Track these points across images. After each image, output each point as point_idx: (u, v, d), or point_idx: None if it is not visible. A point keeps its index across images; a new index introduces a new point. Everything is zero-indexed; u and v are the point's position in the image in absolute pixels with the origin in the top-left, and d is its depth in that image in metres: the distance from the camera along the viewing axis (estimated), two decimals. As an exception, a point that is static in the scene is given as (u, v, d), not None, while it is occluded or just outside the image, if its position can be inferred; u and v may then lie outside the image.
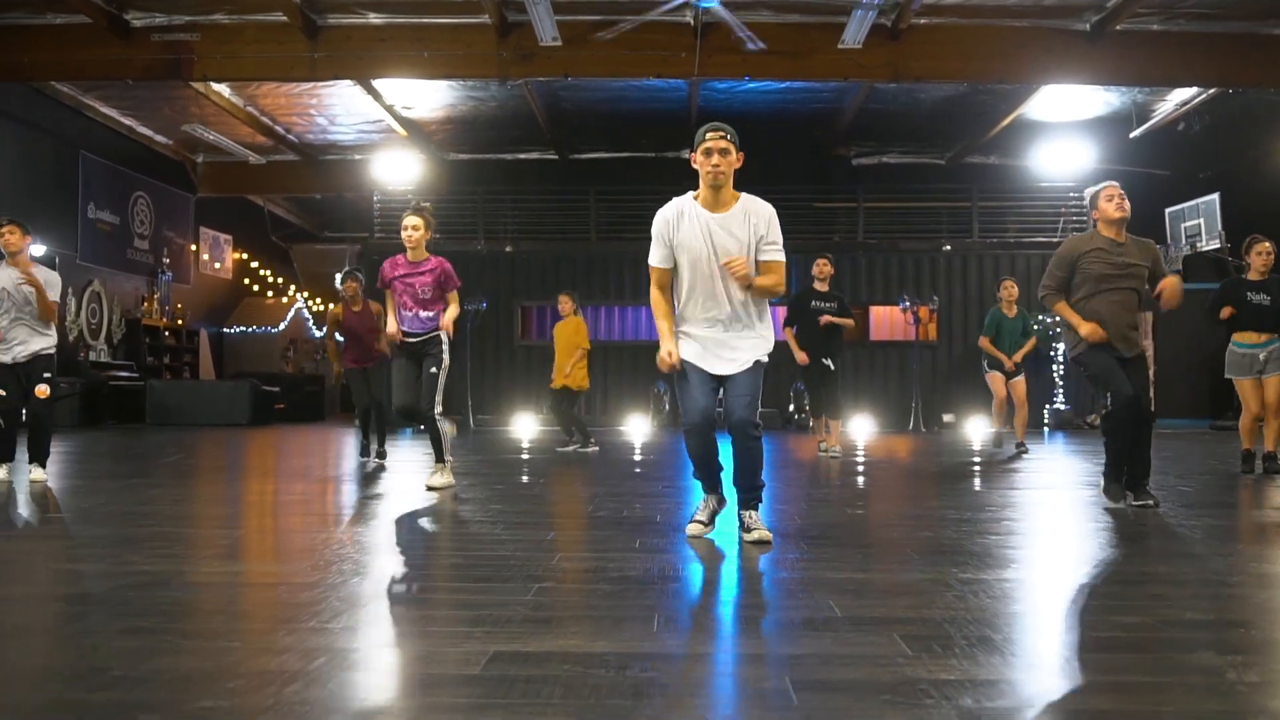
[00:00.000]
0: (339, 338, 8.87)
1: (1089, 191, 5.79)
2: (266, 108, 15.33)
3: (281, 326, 20.28)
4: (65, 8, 11.43)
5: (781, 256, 4.08)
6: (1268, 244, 7.03)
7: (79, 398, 14.22)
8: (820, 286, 8.93)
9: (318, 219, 21.07)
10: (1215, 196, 15.56)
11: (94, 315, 15.59)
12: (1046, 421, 16.03)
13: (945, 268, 16.77)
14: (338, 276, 9.33)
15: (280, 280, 21.55)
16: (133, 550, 3.87)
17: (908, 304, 15.49)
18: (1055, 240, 17.11)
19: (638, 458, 9.36)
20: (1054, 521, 4.76)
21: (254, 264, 20.71)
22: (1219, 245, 15.41)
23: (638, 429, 14.63)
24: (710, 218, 4.03)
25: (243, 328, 19.90)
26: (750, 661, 2.33)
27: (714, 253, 4.01)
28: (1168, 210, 16.61)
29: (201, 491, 6.27)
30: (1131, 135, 15.18)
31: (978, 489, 6.31)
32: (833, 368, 8.89)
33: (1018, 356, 9.41)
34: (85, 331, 15.33)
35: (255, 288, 20.95)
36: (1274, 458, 6.98)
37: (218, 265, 19.97)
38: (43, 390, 6.17)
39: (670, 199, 4.15)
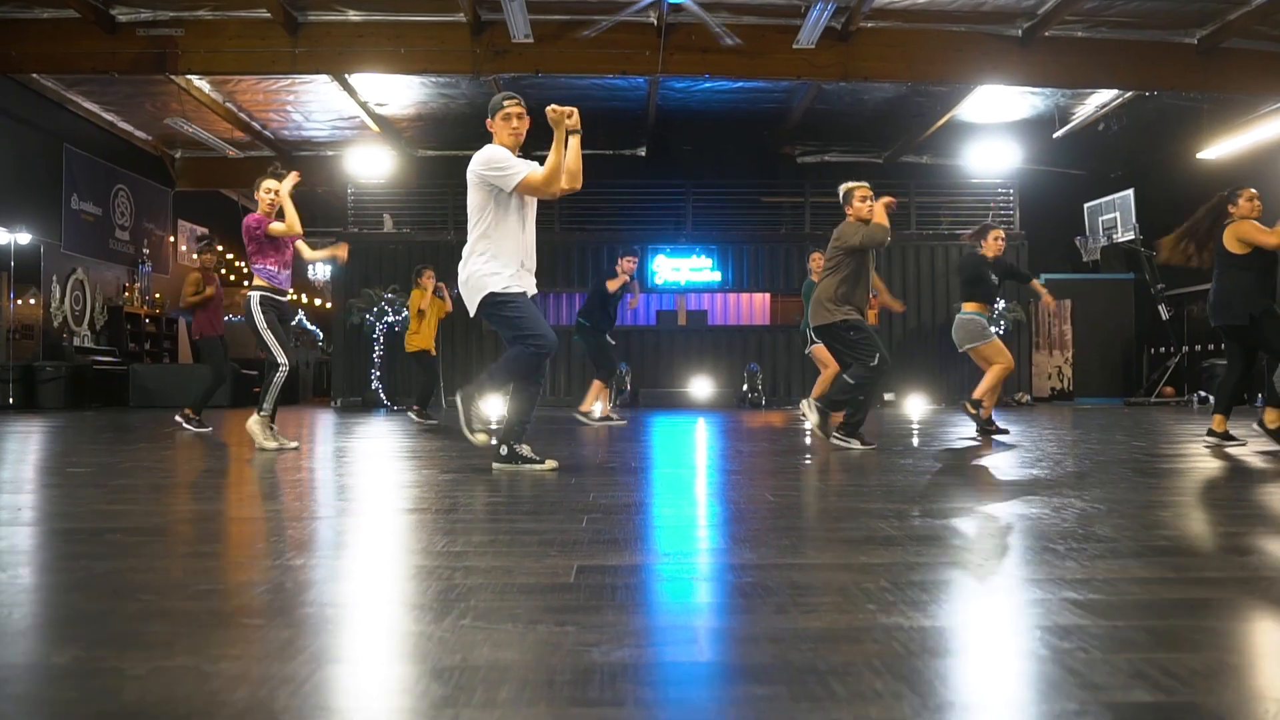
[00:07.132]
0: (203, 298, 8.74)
1: (845, 188, 6.23)
2: (245, 104, 14.94)
3: (256, 315, 19.80)
4: (53, 2, 11.02)
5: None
6: (1000, 232, 7.36)
7: (64, 381, 13.75)
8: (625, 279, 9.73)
9: (290, 213, 20.58)
10: (1130, 192, 15.87)
11: (77, 302, 15.07)
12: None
13: (885, 258, 16.87)
14: (195, 250, 9.39)
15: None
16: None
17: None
18: (983, 233, 17.31)
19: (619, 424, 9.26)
20: (1032, 466, 4.77)
21: (229, 255, 20.18)
22: (1133, 237, 15.72)
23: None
24: None
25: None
26: (841, 570, 2.26)
27: (522, 201, 4.52)
28: (1086, 205, 16.91)
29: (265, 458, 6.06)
30: (1054, 136, 15.41)
31: (944, 446, 6.32)
32: (614, 342, 10.11)
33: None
34: (69, 318, 14.82)
35: (232, 278, 20.42)
36: (979, 404, 6.99)
37: (195, 257, 19.39)
38: None
39: (619, 192, 4.35)
